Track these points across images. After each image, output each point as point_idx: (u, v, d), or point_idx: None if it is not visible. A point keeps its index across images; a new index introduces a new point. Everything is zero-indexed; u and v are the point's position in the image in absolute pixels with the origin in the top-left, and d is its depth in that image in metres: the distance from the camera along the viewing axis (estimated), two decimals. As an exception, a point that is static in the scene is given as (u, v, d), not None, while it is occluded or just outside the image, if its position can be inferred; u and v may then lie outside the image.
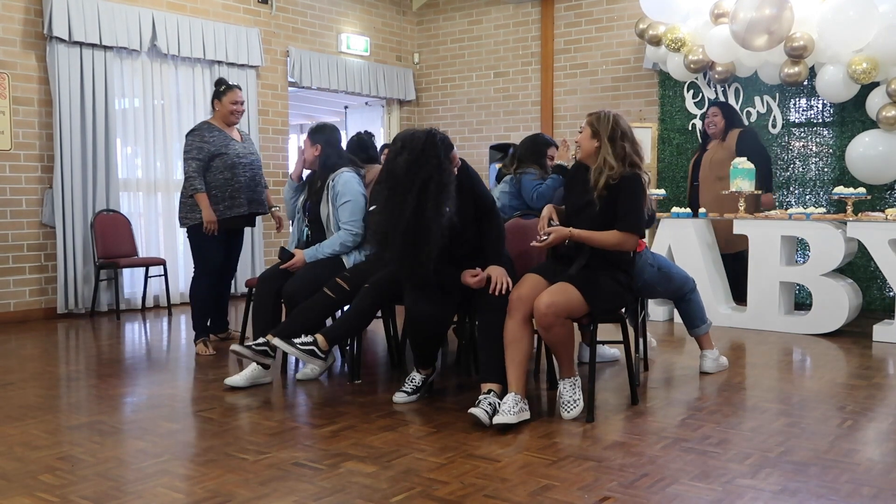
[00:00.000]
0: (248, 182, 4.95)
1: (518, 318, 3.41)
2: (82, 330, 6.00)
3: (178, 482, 2.72)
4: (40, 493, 2.61)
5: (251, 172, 4.98)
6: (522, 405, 3.34)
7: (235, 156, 4.89)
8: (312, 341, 3.69)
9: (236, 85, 5.08)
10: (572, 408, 3.44)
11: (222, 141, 4.87)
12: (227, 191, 4.86)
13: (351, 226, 4.22)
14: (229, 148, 4.88)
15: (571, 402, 3.45)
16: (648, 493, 2.60)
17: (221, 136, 4.89)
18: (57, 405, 3.80)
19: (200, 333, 4.97)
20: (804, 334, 5.61)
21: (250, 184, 4.96)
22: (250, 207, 4.99)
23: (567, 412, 3.43)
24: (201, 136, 4.86)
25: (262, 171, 5.14)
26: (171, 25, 7.05)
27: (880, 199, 6.33)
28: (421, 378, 3.81)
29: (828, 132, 6.72)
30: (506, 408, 3.29)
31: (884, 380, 4.33)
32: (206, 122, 5.01)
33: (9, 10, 6.25)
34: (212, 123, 4.96)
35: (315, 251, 4.26)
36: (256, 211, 5.06)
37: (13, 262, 6.33)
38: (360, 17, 8.97)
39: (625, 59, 7.96)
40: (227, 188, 4.86)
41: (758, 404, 3.73)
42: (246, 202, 4.94)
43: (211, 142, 4.85)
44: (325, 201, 4.31)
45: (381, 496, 2.58)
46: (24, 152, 6.37)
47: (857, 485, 2.68)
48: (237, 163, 4.90)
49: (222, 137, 4.89)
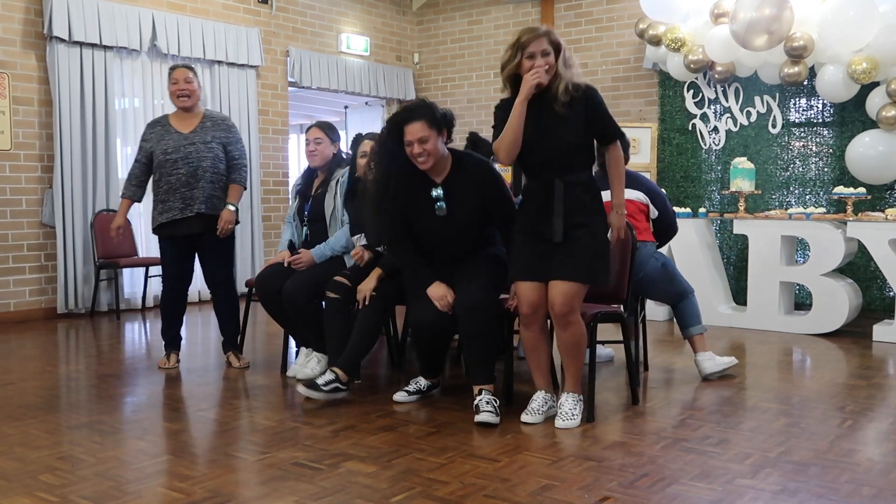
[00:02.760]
0: (185, 180, 4.31)
1: (535, 328, 3.40)
2: (82, 330, 6.00)
3: (178, 482, 2.72)
4: (40, 493, 2.61)
5: (188, 168, 4.32)
6: (552, 403, 3.46)
7: (163, 153, 4.35)
8: (334, 378, 3.68)
9: (181, 64, 4.52)
10: (568, 419, 3.34)
11: (157, 137, 4.40)
12: (158, 193, 4.39)
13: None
14: (160, 144, 4.37)
15: (570, 414, 3.36)
16: (648, 493, 2.60)
17: (160, 132, 4.42)
18: (57, 405, 3.80)
19: (166, 345, 4.62)
20: (804, 334, 5.61)
21: (189, 181, 4.32)
22: (184, 211, 4.32)
23: (562, 421, 3.34)
24: (144, 133, 4.49)
25: (215, 161, 4.38)
26: (171, 25, 7.05)
27: (880, 199, 6.33)
28: (426, 384, 3.81)
29: (828, 132, 6.72)
30: (535, 406, 3.42)
31: (884, 380, 4.33)
32: (163, 116, 4.58)
33: (9, 10, 6.25)
34: (164, 117, 4.53)
35: (323, 249, 4.22)
36: (192, 213, 4.33)
37: (13, 262, 6.33)
38: (360, 17, 8.98)
39: (625, 59, 7.96)
40: (157, 190, 4.40)
41: (758, 404, 3.73)
42: (178, 206, 4.33)
43: (148, 139, 4.45)
44: (330, 196, 4.27)
45: (381, 496, 2.58)
46: (24, 152, 6.37)
47: (857, 485, 2.68)
48: (164, 160, 4.34)
49: (161, 133, 4.41)
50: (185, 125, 4.42)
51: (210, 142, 4.40)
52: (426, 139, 3.42)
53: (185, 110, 4.44)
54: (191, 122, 4.43)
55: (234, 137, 4.51)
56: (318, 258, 4.21)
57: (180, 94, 4.39)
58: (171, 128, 4.42)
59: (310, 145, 4.34)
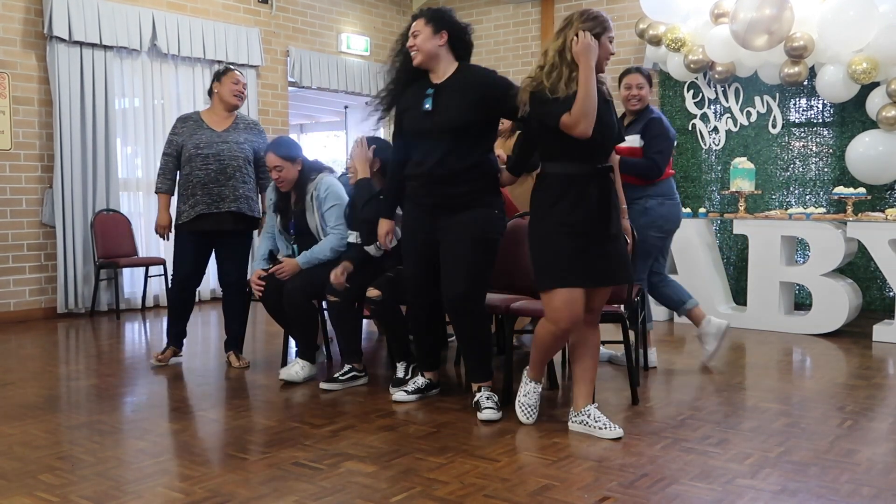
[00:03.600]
0: (214, 176, 4.37)
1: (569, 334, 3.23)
2: (82, 330, 6.00)
3: (178, 482, 2.72)
4: (40, 493, 2.61)
5: (218, 165, 4.38)
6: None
7: (194, 147, 4.38)
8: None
9: (231, 67, 4.67)
10: (613, 428, 3.18)
11: (190, 132, 4.44)
12: (188, 188, 4.42)
13: (340, 229, 4.15)
14: (192, 139, 4.41)
15: (609, 423, 3.20)
16: (648, 493, 2.60)
17: (192, 127, 4.46)
18: (57, 405, 3.80)
19: (168, 341, 4.69)
20: (804, 334, 5.61)
21: (218, 178, 4.38)
22: (210, 206, 4.38)
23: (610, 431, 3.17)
24: (174, 128, 4.53)
25: (245, 161, 4.48)
26: (171, 25, 7.05)
27: (880, 199, 6.33)
28: (425, 382, 3.80)
29: (828, 132, 6.72)
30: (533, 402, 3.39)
31: (884, 380, 4.33)
32: (195, 112, 4.64)
33: (9, 10, 6.25)
34: (195, 114, 4.58)
35: (309, 256, 4.17)
36: (219, 209, 4.40)
37: (13, 262, 6.34)
38: (360, 17, 8.98)
39: (625, 58, 7.95)
40: (186, 185, 4.42)
41: (758, 404, 3.73)
42: (205, 200, 4.39)
43: (180, 133, 4.48)
44: (310, 212, 4.22)
45: (381, 496, 2.58)
46: (24, 152, 6.37)
47: (857, 485, 2.68)
48: (195, 154, 4.38)
49: (193, 128, 4.46)
50: (219, 123, 4.50)
51: (242, 143, 4.49)
52: (418, 33, 3.44)
53: (232, 110, 4.54)
54: (225, 122, 4.52)
55: (264, 142, 4.58)
56: (305, 265, 4.16)
57: (239, 95, 4.52)
58: (203, 124, 4.48)
59: (272, 173, 4.21)
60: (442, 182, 3.43)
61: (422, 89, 3.49)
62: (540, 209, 3.18)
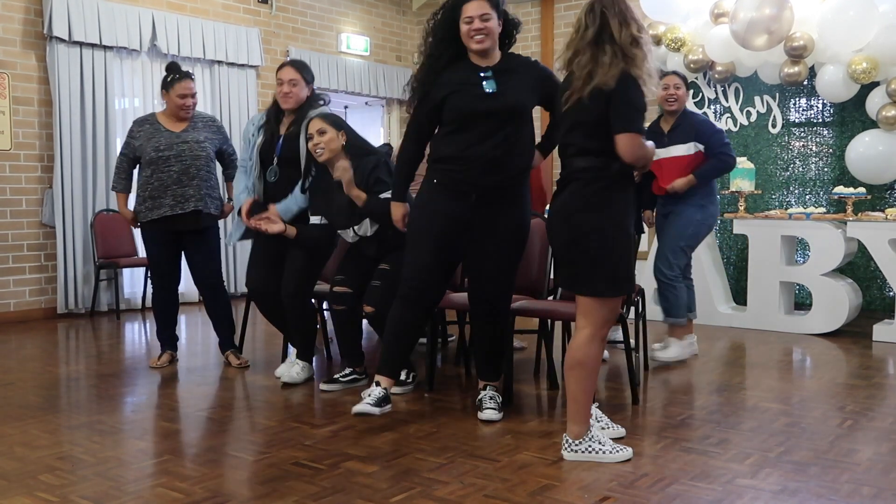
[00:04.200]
0: (177, 177, 4.33)
1: None
2: (82, 330, 6.00)
3: (178, 482, 2.72)
4: (40, 493, 2.61)
5: (181, 165, 4.33)
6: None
7: (154, 150, 4.32)
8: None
9: (188, 73, 4.47)
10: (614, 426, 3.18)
11: (148, 135, 4.38)
12: (147, 190, 4.36)
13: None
14: (150, 142, 4.35)
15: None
16: (648, 493, 2.60)
17: (149, 130, 4.39)
18: (57, 405, 3.80)
19: (162, 345, 4.65)
20: (804, 334, 5.61)
21: (181, 178, 4.33)
22: (175, 208, 4.33)
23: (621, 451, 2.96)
24: (131, 131, 4.45)
25: (207, 160, 4.43)
26: (171, 25, 7.05)
27: (880, 199, 6.32)
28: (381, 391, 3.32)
29: (828, 132, 6.72)
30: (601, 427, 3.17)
31: (884, 380, 4.33)
32: (150, 114, 4.54)
33: (9, 10, 6.25)
34: (152, 115, 4.50)
35: (289, 204, 3.98)
36: (184, 210, 4.35)
37: (13, 262, 6.33)
38: (360, 17, 8.98)
39: (625, 58, 7.96)
40: (146, 187, 4.36)
41: (758, 404, 3.73)
42: (169, 203, 4.33)
43: (137, 136, 4.41)
44: (303, 137, 3.93)
45: (381, 496, 2.58)
46: (24, 152, 6.37)
47: (857, 485, 2.68)
48: (157, 157, 4.32)
49: (150, 131, 4.39)
50: (176, 125, 4.43)
51: (203, 141, 4.44)
52: (488, 17, 3.23)
53: (183, 119, 4.43)
54: (181, 122, 4.45)
55: (225, 137, 4.63)
56: (284, 213, 3.96)
57: (185, 108, 4.40)
58: (160, 126, 4.42)
59: (284, 86, 4.02)
60: (496, 164, 3.26)
61: (466, 72, 3.30)
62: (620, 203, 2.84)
